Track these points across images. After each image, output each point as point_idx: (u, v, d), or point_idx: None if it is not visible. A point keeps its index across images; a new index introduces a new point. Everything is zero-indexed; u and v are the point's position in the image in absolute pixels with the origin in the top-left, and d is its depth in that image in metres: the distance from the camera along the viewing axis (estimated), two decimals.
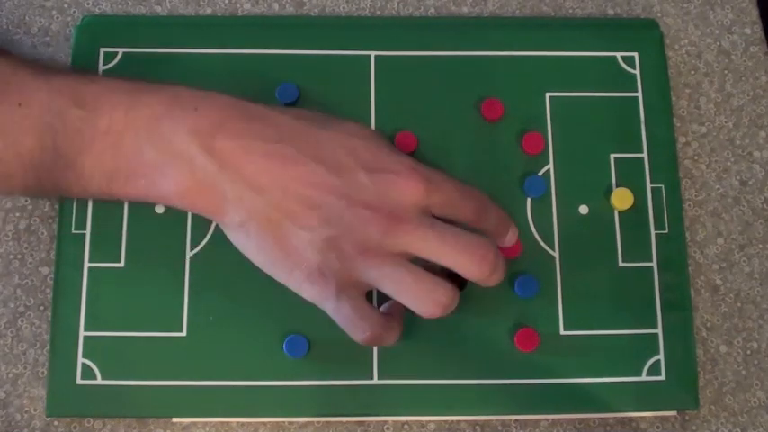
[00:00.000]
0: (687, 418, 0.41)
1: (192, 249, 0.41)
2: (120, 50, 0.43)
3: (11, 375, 0.40)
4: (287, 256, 0.35)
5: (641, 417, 0.41)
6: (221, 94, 0.37)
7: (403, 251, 0.35)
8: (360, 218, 0.35)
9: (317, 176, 0.35)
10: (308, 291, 0.36)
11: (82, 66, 0.43)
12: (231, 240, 0.37)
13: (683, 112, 0.45)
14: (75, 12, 0.45)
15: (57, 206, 0.42)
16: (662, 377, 0.41)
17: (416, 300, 0.35)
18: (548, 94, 0.44)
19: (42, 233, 0.42)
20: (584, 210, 0.43)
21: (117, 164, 0.36)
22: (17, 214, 0.42)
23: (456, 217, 0.37)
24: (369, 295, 0.39)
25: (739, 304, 0.43)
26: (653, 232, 0.42)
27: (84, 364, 0.40)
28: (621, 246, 0.42)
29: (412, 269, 0.35)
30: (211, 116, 0.36)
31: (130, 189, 0.36)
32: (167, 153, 0.35)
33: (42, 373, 0.40)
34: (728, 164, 0.45)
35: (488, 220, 0.38)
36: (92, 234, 0.41)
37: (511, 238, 0.40)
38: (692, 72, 0.46)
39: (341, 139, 0.36)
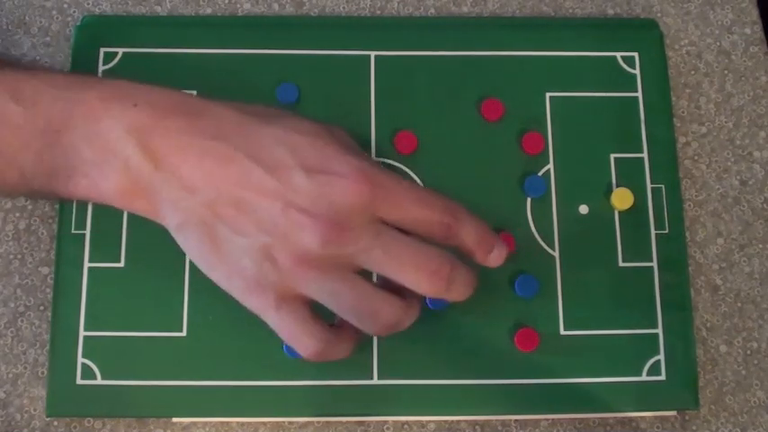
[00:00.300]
0: (687, 418, 0.41)
1: None
2: (120, 50, 0.43)
3: (11, 375, 0.40)
4: (224, 263, 0.33)
5: (641, 417, 0.41)
6: (165, 89, 0.35)
7: (347, 263, 0.32)
8: (296, 224, 0.31)
9: (252, 176, 0.32)
10: (249, 302, 0.33)
11: (80, 66, 0.43)
12: (177, 242, 0.34)
13: (683, 112, 0.45)
14: (75, 12, 0.45)
15: (57, 206, 0.42)
16: (662, 377, 0.41)
17: (359, 319, 0.33)
18: (548, 94, 0.44)
19: (42, 233, 0.42)
20: (584, 210, 0.43)
21: (56, 163, 0.34)
22: (17, 214, 0.42)
23: (416, 229, 0.33)
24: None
25: (739, 304, 0.43)
26: (653, 232, 0.42)
27: (84, 364, 0.40)
28: (621, 246, 0.42)
29: (356, 284, 0.32)
30: (150, 112, 0.33)
31: (72, 189, 0.35)
32: (105, 152, 0.33)
33: (42, 373, 0.40)
34: (728, 164, 0.45)
35: (461, 236, 0.34)
36: (92, 234, 0.41)
37: (496, 258, 0.35)
38: (692, 72, 0.46)
39: (283, 135, 0.33)
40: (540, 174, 0.43)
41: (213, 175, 0.33)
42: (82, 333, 0.40)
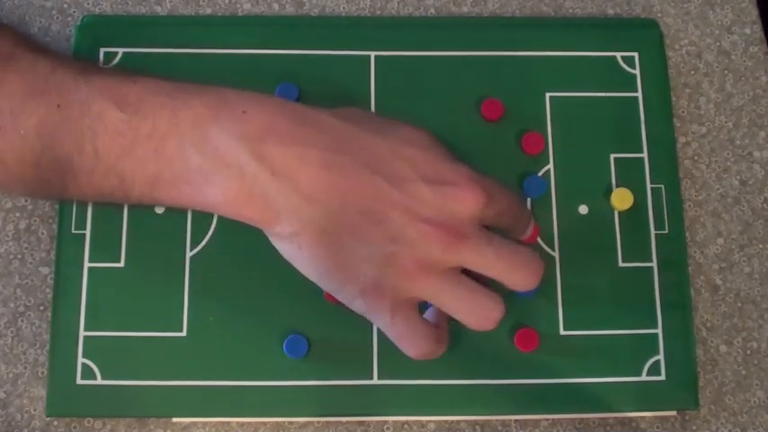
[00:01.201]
0: (687, 418, 0.41)
1: (191, 249, 0.41)
2: (120, 50, 0.43)
3: (11, 375, 0.40)
4: (341, 270, 0.34)
5: (641, 417, 0.41)
6: (269, 96, 0.35)
7: (458, 265, 0.34)
8: (422, 234, 0.33)
9: (378, 189, 0.33)
10: (361, 305, 0.34)
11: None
12: (279, 250, 0.35)
13: (683, 112, 0.45)
14: (75, 12, 0.45)
15: (57, 206, 0.42)
16: (662, 377, 0.41)
17: (472, 316, 0.34)
18: (548, 94, 0.44)
19: (42, 233, 0.42)
20: (584, 210, 0.43)
21: (160, 169, 0.34)
22: (17, 214, 0.42)
23: (498, 224, 0.36)
24: None
25: (739, 304, 0.43)
26: (653, 232, 0.42)
27: (84, 364, 0.40)
28: (621, 246, 0.42)
29: (468, 285, 0.34)
30: (261, 120, 0.33)
31: (175, 195, 0.34)
32: (214, 159, 0.33)
33: (42, 373, 0.40)
34: (728, 164, 0.45)
35: (522, 221, 0.38)
36: (92, 234, 0.41)
37: (530, 232, 0.39)
38: (692, 72, 0.46)
39: (398, 148, 0.34)
40: (540, 174, 0.43)
41: (337, 186, 0.33)
42: (82, 333, 0.40)
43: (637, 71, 0.44)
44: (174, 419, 0.40)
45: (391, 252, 0.33)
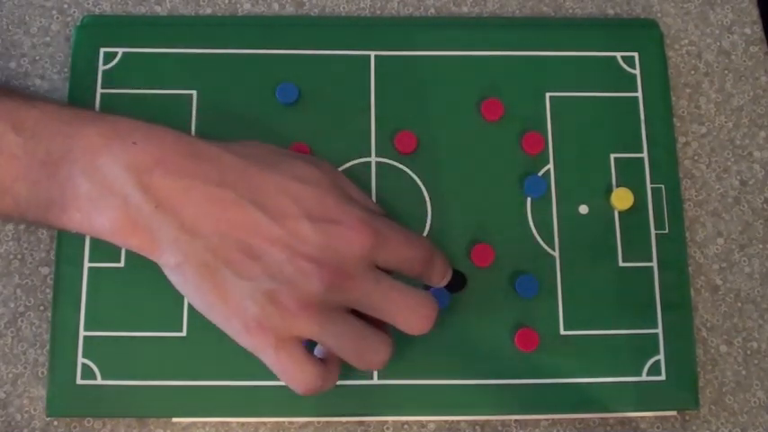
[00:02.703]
0: (687, 418, 0.41)
1: None
2: (120, 50, 0.43)
3: (11, 375, 0.40)
4: (224, 303, 0.34)
5: (641, 417, 0.41)
6: (163, 128, 0.35)
7: (344, 305, 0.34)
8: (302, 272, 0.33)
9: (258, 224, 0.33)
10: (245, 341, 0.34)
11: (80, 66, 0.43)
12: (169, 279, 0.35)
13: (683, 112, 0.45)
14: (75, 12, 0.45)
15: None
16: (662, 377, 0.41)
17: (357, 357, 0.35)
18: (548, 94, 0.44)
19: (42, 233, 0.42)
20: (584, 210, 0.43)
21: (52, 195, 0.35)
22: None
23: (401, 269, 0.36)
24: None
25: (739, 304, 0.43)
26: (653, 232, 0.42)
27: (84, 364, 0.40)
28: (621, 246, 0.42)
29: (353, 325, 0.35)
30: (150, 151, 0.34)
31: (66, 221, 0.35)
32: (102, 188, 0.34)
33: (42, 373, 0.40)
34: (728, 164, 0.45)
35: (433, 269, 0.37)
36: None
37: (446, 280, 0.39)
38: (692, 72, 0.46)
39: (286, 184, 0.35)
40: (540, 174, 0.43)
41: (218, 220, 0.34)
42: (82, 333, 0.40)
43: (637, 71, 0.44)
44: (174, 419, 0.40)
45: (271, 289, 0.33)
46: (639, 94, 0.44)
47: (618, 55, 0.45)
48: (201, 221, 0.34)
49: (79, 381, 0.39)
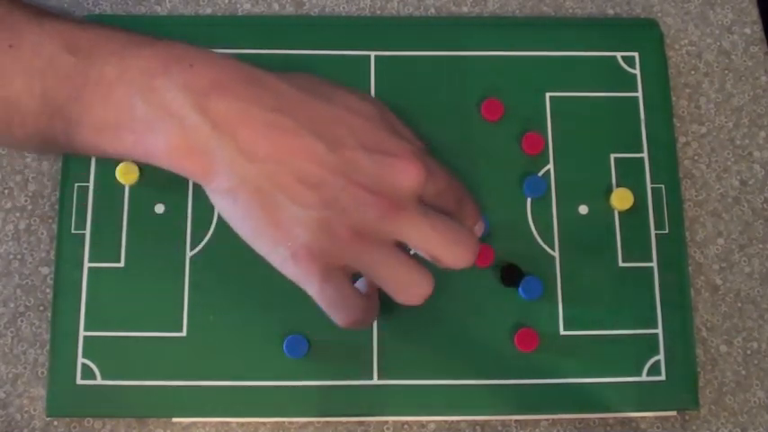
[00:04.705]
0: (687, 418, 0.41)
1: (191, 249, 0.41)
2: None
3: (11, 375, 0.40)
4: (274, 231, 0.33)
5: (641, 417, 0.41)
6: (220, 54, 0.35)
7: (393, 238, 0.34)
8: (357, 200, 0.33)
9: (316, 152, 0.33)
10: (291, 269, 0.34)
11: None
12: (216, 206, 0.35)
13: (683, 112, 0.45)
14: (75, 12, 0.45)
15: (57, 206, 0.42)
16: (662, 377, 0.41)
17: (401, 290, 0.34)
18: (548, 94, 0.44)
19: (42, 233, 0.42)
20: (584, 210, 0.43)
21: (106, 115, 0.34)
22: (17, 214, 0.42)
23: (439, 205, 0.36)
24: None
25: (739, 304, 0.43)
26: (653, 232, 0.42)
27: (84, 364, 0.40)
28: (621, 246, 0.42)
29: (401, 258, 0.34)
30: (207, 74, 0.34)
31: (118, 143, 0.34)
32: (159, 109, 0.33)
33: (42, 373, 0.40)
34: (728, 164, 0.45)
35: (465, 212, 0.37)
36: (92, 234, 0.41)
37: (477, 231, 0.38)
38: (692, 72, 0.46)
39: (342, 115, 0.34)
40: (540, 174, 0.43)
41: (275, 146, 0.33)
42: (82, 333, 0.40)
43: (637, 71, 0.44)
44: (174, 419, 0.40)
45: (325, 216, 0.33)
46: (639, 94, 0.44)
47: (618, 55, 0.45)
48: (259, 146, 0.33)
49: (79, 381, 0.39)
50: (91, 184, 0.42)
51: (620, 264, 0.42)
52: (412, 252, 0.35)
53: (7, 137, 0.37)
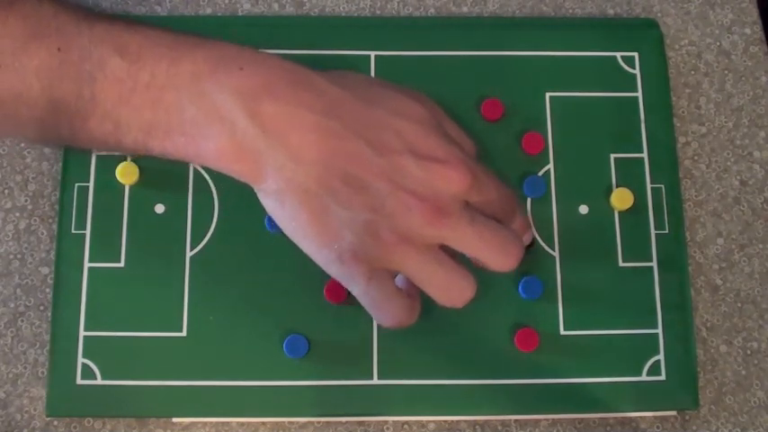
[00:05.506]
0: (687, 418, 0.41)
1: (191, 249, 0.41)
2: None
3: (11, 375, 0.40)
4: (321, 232, 0.34)
5: (641, 417, 0.41)
6: (269, 55, 0.35)
7: (438, 242, 0.34)
8: (404, 205, 0.33)
9: (363, 156, 0.34)
10: (337, 270, 0.34)
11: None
12: (264, 206, 0.35)
13: (683, 112, 0.45)
14: None
15: (57, 206, 0.42)
16: (662, 377, 0.41)
17: (444, 293, 0.35)
18: (548, 94, 0.44)
19: (42, 233, 0.42)
20: (584, 210, 0.43)
21: (156, 118, 0.34)
22: (17, 214, 0.42)
23: (485, 210, 0.36)
24: None
25: (739, 304, 0.43)
26: (653, 232, 0.42)
27: (84, 364, 0.40)
28: (621, 246, 0.42)
29: (445, 262, 0.35)
30: (257, 77, 0.34)
31: (168, 145, 0.35)
32: (209, 112, 0.34)
33: (42, 373, 0.40)
34: (728, 164, 0.45)
35: (513, 224, 0.38)
36: (92, 234, 0.41)
37: (525, 240, 0.39)
38: (692, 72, 0.46)
39: (389, 119, 0.35)
40: (540, 174, 0.43)
41: (324, 149, 0.33)
42: (82, 333, 0.40)
43: (637, 71, 0.44)
44: (174, 419, 0.40)
45: (371, 220, 0.33)
46: (639, 94, 0.44)
47: (618, 55, 0.45)
48: (307, 149, 0.33)
49: (79, 381, 0.39)
50: (91, 184, 0.42)
51: (620, 264, 0.42)
52: None
53: (54, 138, 0.37)
